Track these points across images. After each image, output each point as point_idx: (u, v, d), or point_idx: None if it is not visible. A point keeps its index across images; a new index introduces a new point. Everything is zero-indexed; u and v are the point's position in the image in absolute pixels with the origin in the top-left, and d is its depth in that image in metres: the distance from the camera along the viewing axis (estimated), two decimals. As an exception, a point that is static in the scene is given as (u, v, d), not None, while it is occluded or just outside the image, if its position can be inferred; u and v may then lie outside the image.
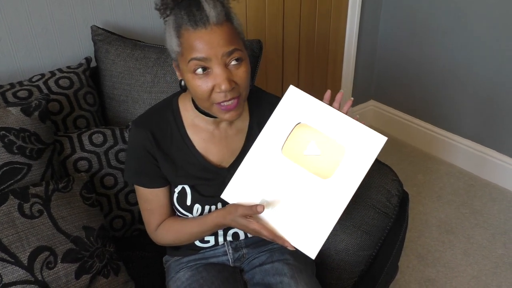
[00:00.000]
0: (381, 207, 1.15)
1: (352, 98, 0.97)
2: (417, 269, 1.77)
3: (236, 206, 0.94)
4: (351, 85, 2.57)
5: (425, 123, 2.47)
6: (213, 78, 0.88)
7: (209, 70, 0.89)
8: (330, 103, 0.97)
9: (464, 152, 2.32)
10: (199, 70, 0.88)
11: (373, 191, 1.16)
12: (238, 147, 1.06)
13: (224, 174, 1.03)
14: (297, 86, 0.97)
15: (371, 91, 2.71)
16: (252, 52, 1.39)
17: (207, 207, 1.05)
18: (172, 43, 0.91)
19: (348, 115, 0.94)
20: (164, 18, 0.93)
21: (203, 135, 1.04)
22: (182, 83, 0.98)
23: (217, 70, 0.88)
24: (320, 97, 0.97)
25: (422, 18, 2.27)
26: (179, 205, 1.05)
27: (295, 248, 0.92)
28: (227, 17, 0.88)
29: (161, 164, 1.02)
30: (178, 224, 1.06)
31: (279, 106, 0.97)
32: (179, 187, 1.04)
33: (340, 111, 0.94)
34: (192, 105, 1.02)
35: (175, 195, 1.05)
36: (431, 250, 1.85)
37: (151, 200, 1.05)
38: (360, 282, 1.22)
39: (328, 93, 0.97)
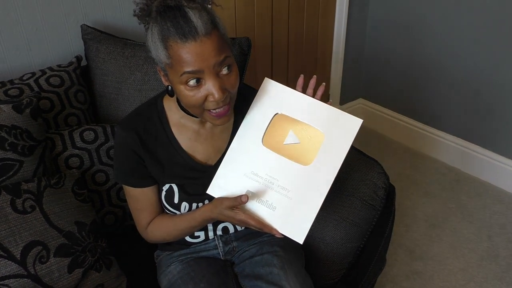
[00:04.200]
0: (368, 200, 1.17)
1: (324, 83, 0.99)
2: (405, 262, 1.80)
3: (222, 199, 0.96)
4: (339, 83, 2.60)
5: (412, 120, 2.51)
6: (206, 88, 0.88)
7: (202, 81, 0.88)
8: (304, 90, 1.00)
9: (450, 148, 2.36)
10: (192, 82, 0.87)
11: (360, 184, 1.19)
12: (224, 145, 1.07)
13: (210, 172, 1.04)
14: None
15: (360, 90, 2.75)
16: (241, 50, 1.41)
17: (194, 205, 1.06)
18: (159, 54, 0.88)
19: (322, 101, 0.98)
20: (145, 25, 0.91)
21: (188, 134, 1.05)
22: (169, 88, 0.97)
23: (210, 80, 0.87)
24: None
25: (409, 16, 2.31)
26: (167, 203, 1.06)
27: (283, 235, 0.94)
28: (213, 25, 0.87)
29: (147, 164, 1.03)
30: (168, 221, 1.07)
31: (256, 99, 1.00)
32: (167, 186, 1.05)
33: (314, 97, 0.98)
34: (177, 105, 1.02)
35: (163, 193, 1.06)
36: (418, 244, 1.89)
37: (140, 199, 1.07)
38: (349, 274, 1.25)
39: (301, 79, 1.00)
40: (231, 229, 1.14)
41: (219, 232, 1.13)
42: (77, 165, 1.23)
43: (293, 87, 1.00)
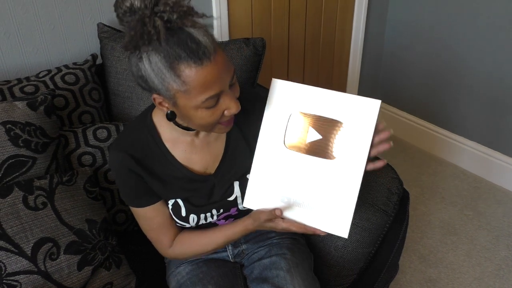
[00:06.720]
0: (380, 205, 1.15)
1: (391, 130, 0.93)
2: (419, 269, 1.77)
3: (259, 213, 0.95)
4: (357, 86, 2.57)
5: (430, 124, 2.47)
6: (224, 105, 0.86)
7: (219, 100, 0.86)
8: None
9: (469, 154, 2.31)
10: (212, 104, 0.85)
11: (373, 189, 1.17)
12: (220, 152, 1.04)
13: (212, 181, 1.03)
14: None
15: (377, 92, 2.71)
16: (255, 50, 1.40)
17: (202, 216, 1.04)
18: (168, 83, 0.81)
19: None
20: (137, 56, 0.81)
21: (183, 147, 1.01)
22: (169, 111, 0.90)
23: (227, 97, 0.86)
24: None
25: (428, 20, 2.27)
26: (175, 216, 1.04)
27: (326, 233, 0.92)
28: (215, 40, 0.84)
29: (147, 181, 1.00)
30: (199, 235, 1.04)
31: (268, 102, 0.98)
32: (172, 201, 1.03)
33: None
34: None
35: (170, 207, 1.03)
36: (433, 251, 1.85)
37: (153, 217, 1.03)
38: (360, 280, 1.23)
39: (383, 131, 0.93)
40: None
41: (228, 234, 1.12)
42: (90, 162, 1.23)
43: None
